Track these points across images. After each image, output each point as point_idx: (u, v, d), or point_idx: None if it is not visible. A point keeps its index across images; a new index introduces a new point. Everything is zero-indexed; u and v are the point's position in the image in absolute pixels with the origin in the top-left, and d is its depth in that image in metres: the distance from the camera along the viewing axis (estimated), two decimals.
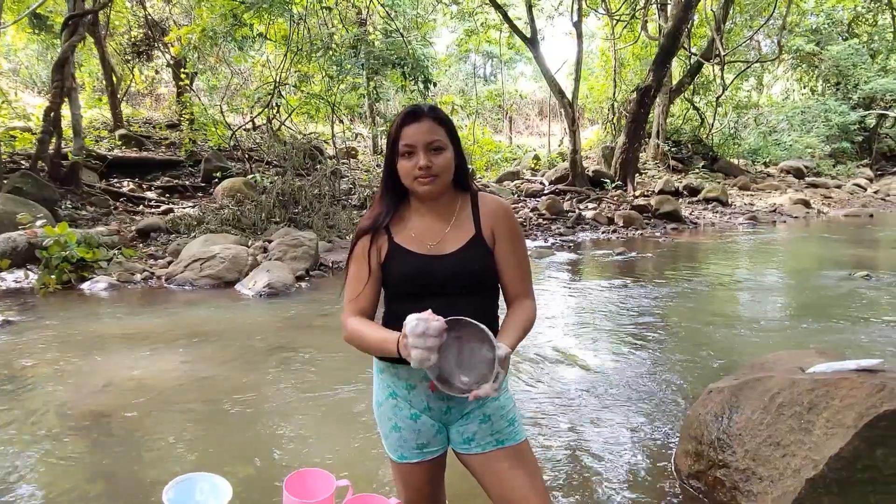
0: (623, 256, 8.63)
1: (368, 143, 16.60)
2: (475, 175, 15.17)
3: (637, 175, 15.67)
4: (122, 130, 13.12)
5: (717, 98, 19.22)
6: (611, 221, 11.83)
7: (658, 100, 16.67)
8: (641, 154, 16.88)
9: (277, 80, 11.61)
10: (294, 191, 9.61)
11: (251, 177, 10.45)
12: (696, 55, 18.08)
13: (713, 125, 19.90)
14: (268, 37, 11.81)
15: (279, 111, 12.28)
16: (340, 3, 12.74)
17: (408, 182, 1.52)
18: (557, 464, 2.78)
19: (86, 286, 6.34)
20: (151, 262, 7.36)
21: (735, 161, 20.06)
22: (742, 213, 13.81)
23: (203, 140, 13.21)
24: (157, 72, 17.24)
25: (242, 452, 2.89)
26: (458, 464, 1.62)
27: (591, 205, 13.29)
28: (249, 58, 13.63)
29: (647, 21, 18.43)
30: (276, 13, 10.57)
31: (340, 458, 2.82)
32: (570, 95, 14.91)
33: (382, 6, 13.48)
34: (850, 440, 2.02)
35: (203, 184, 11.41)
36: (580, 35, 15.23)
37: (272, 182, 9.93)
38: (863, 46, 22.48)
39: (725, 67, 18.61)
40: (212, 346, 4.46)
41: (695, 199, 15.02)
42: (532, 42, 14.46)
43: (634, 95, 14.92)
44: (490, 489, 1.55)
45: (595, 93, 21.55)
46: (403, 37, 12.54)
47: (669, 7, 16.57)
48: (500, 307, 1.63)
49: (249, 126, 13.24)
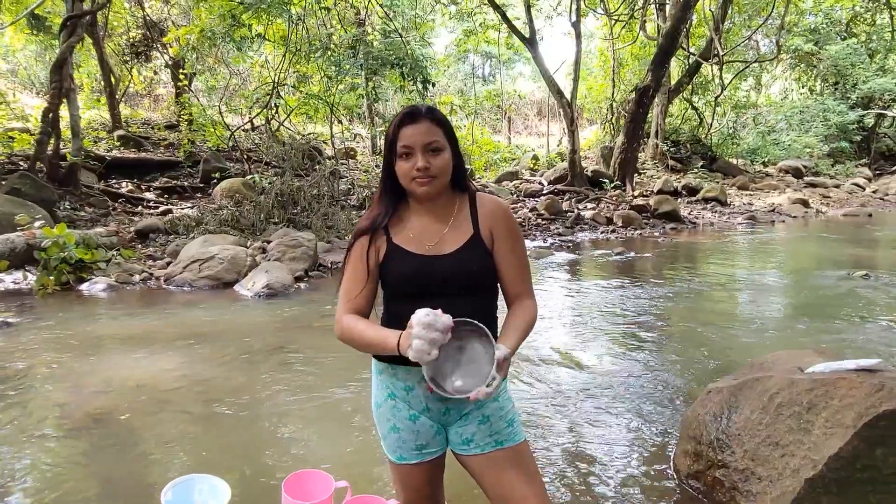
0: (622, 256, 8.63)
1: (367, 144, 16.59)
2: (474, 175, 15.17)
3: (636, 175, 15.68)
4: (121, 131, 13.10)
5: (716, 98, 19.24)
6: (610, 221, 11.83)
7: (657, 100, 16.69)
8: (640, 154, 16.89)
9: (276, 81, 11.60)
10: (293, 191, 9.60)
11: (250, 177, 10.44)
12: (695, 55, 18.09)
13: (712, 125, 19.92)
14: (266, 37, 11.80)
15: (278, 112, 12.27)
16: (339, 4, 12.73)
17: (406, 183, 1.52)
18: (556, 464, 2.78)
19: (84, 287, 6.34)
20: (150, 263, 7.35)
21: (734, 161, 20.09)
22: (741, 213, 13.82)
23: (202, 141, 13.19)
24: (156, 72, 17.24)
25: (241, 453, 2.89)
26: (457, 464, 1.62)
27: (590, 205, 13.29)
28: (248, 58, 13.62)
29: (646, 21, 18.43)
30: (275, 14, 10.56)
31: (339, 459, 2.81)
32: (569, 95, 14.91)
33: (381, 6, 13.48)
34: (850, 440, 2.02)
35: (202, 184, 11.40)
36: (579, 35, 15.23)
37: (271, 183, 9.92)
38: (861, 46, 22.50)
39: (724, 67, 18.63)
40: (210, 347, 4.46)
41: (693, 199, 15.03)
42: (531, 42, 14.46)
43: (633, 95, 14.92)
44: (489, 490, 1.55)
45: (594, 93, 21.57)
46: (402, 37, 12.54)
47: (668, 7, 16.58)
48: (500, 308, 1.63)
49: (248, 126, 13.23)
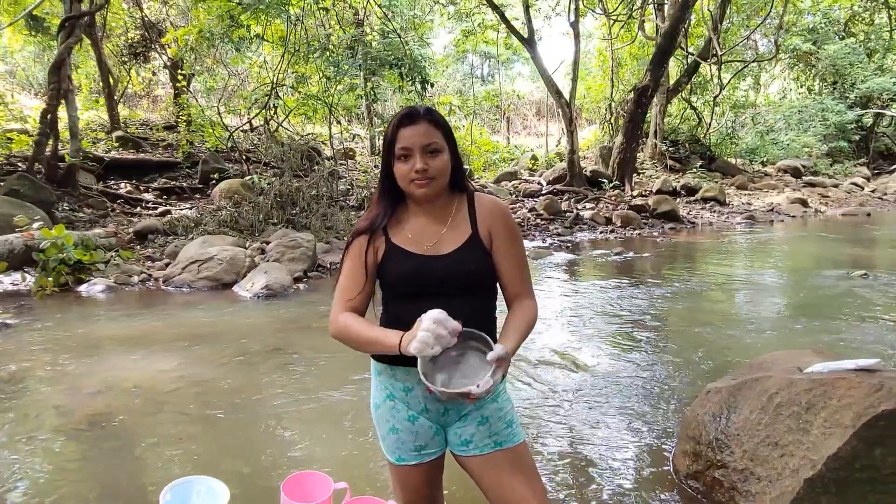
0: (621, 256, 8.63)
1: (366, 144, 16.58)
2: (473, 175, 15.17)
3: (635, 175, 15.69)
4: (119, 132, 13.08)
5: (715, 98, 19.25)
6: (609, 221, 11.83)
7: (655, 99, 16.69)
8: (639, 154, 16.89)
9: (275, 82, 11.60)
10: (292, 192, 9.60)
11: (249, 178, 10.43)
12: (694, 55, 18.11)
13: (710, 125, 19.93)
14: (265, 38, 11.80)
15: (276, 112, 12.27)
16: (337, 4, 12.73)
17: (404, 185, 1.52)
18: (555, 465, 2.78)
19: (83, 288, 6.33)
20: (149, 264, 7.35)
21: (732, 160, 20.10)
22: (740, 213, 13.83)
23: (200, 141, 13.19)
24: (154, 73, 17.23)
25: (240, 455, 2.88)
26: (456, 465, 1.62)
27: (589, 205, 13.30)
28: (246, 59, 13.61)
29: (645, 21, 18.44)
30: (273, 14, 10.55)
31: (338, 461, 2.81)
32: (568, 95, 14.91)
33: (380, 7, 13.48)
34: (848, 440, 2.02)
35: (200, 185, 11.38)
36: (577, 35, 15.23)
37: (270, 183, 9.92)
38: (859, 45, 22.52)
39: (722, 67, 18.65)
40: (209, 348, 4.46)
41: (692, 199, 15.04)
42: (529, 42, 14.46)
43: (632, 95, 14.94)
44: (488, 491, 1.55)
45: (592, 93, 21.59)
46: (401, 37, 12.54)
47: (666, 7, 16.59)
48: (500, 308, 1.63)
49: (247, 127, 13.23)
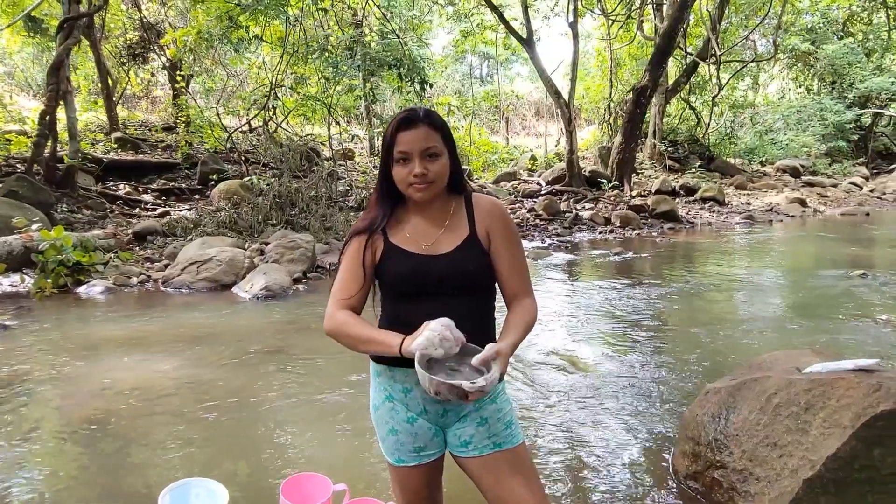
0: (620, 256, 8.63)
1: (365, 145, 16.58)
2: (472, 176, 15.17)
3: (634, 175, 15.70)
4: (118, 133, 13.08)
5: (713, 98, 19.27)
6: (608, 221, 11.84)
7: (654, 100, 16.70)
8: (638, 154, 16.90)
9: (273, 82, 11.59)
10: (291, 193, 9.60)
11: (248, 179, 10.42)
12: (692, 55, 18.12)
13: (709, 125, 19.95)
14: (264, 39, 11.80)
15: (275, 113, 12.27)
16: (336, 5, 12.74)
17: (403, 188, 1.52)
18: (555, 466, 2.78)
19: (82, 290, 6.33)
20: (148, 266, 7.34)
21: (731, 160, 20.12)
22: (739, 213, 13.84)
23: (199, 142, 13.19)
24: (153, 74, 17.22)
25: (239, 456, 2.88)
26: (455, 465, 1.62)
27: (588, 205, 13.30)
28: (245, 60, 13.62)
29: (643, 21, 18.46)
30: (272, 15, 10.55)
31: (337, 462, 2.81)
32: (567, 96, 14.92)
33: (378, 7, 13.49)
34: (847, 440, 2.02)
35: (199, 186, 11.38)
36: (576, 35, 15.23)
37: (269, 184, 9.92)
38: (858, 45, 22.55)
39: (721, 67, 18.67)
40: (208, 350, 4.45)
41: (691, 199, 15.05)
42: (528, 43, 14.47)
43: (631, 95, 14.94)
44: (487, 492, 1.55)
45: (591, 93, 21.60)
46: (399, 38, 12.53)
47: (665, 7, 16.61)
48: (500, 309, 1.63)
49: (246, 128, 13.22)
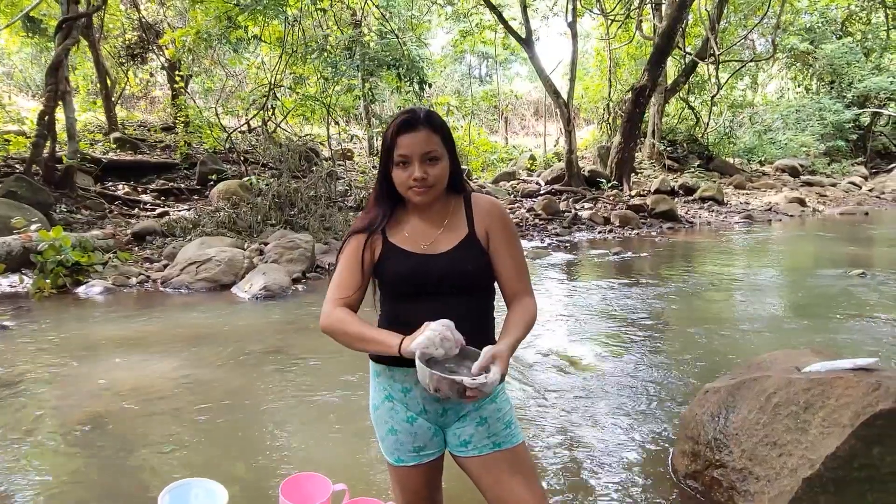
0: (619, 256, 8.63)
1: (364, 145, 16.58)
2: (471, 176, 15.17)
3: (633, 175, 15.70)
4: (117, 133, 13.07)
5: (712, 97, 19.27)
6: (607, 221, 11.84)
7: (653, 99, 16.70)
8: (637, 154, 16.90)
9: (272, 82, 11.59)
10: (290, 193, 9.60)
11: (247, 179, 10.42)
12: (691, 54, 18.12)
13: (708, 124, 19.95)
14: (262, 39, 11.79)
15: (274, 113, 12.26)
16: (335, 5, 12.73)
17: (402, 191, 1.53)
18: (554, 465, 2.78)
19: (81, 290, 6.32)
20: (147, 266, 7.34)
21: (730, 160, 20.11)
22: (738, 212, 13.84)
23: (198, 143, 13.17)
24: (152, 74, 17.21)
25: (238, 457, 2.88)
26: (454, 465, 1.62)
27: (588, 205, 13.30)
28: (244, 60, 13.61)
29: (642, 21, 18.46)
30: (271, 15, 10.54)
31: (337, 462, 2.81)
32: (566, 95, 14.91)
33: (377, 7, 13.48)
34: (847, 439, 2.02)
35: (198, 186, 11.37)
36: (575, 35, 15.23)
37: (268, 184, 9.91)
38: (857, 45, 22.55)
39: (720, 66, 18.67)
40: (207, 350, 4.45)
41: (690, 199, 15.04)
42: (527, 42, 14.47)
43: (630, 95, 14.94)
44: (487, 492, 1.55)
45: (590, 93, 21.59)
46: (398, 38, 12.52)
47: (664, 7, 16.60)
48: (500, 309, 1.63)
49: (245, 128, 13.22)
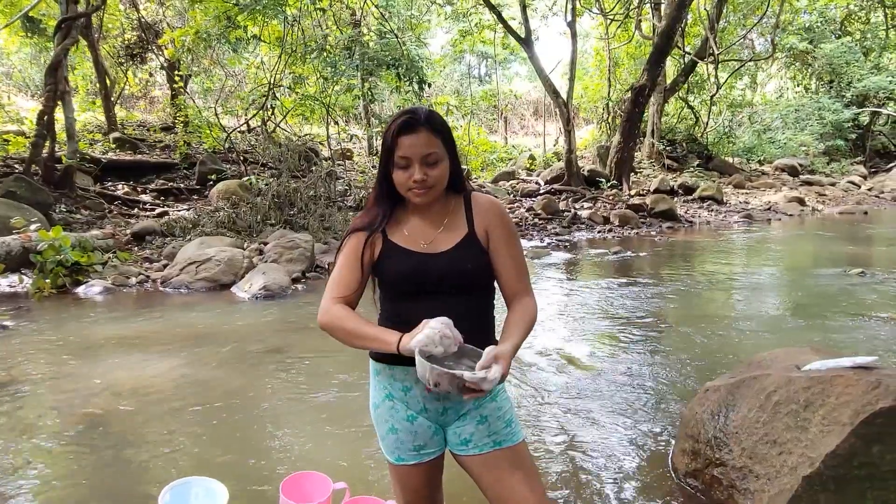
0: (619, 256, 8.63)
1: (363, 145, 16.58)
2: (471, 176, 15.17)
3: (632, 174, 15.71)
4: (117, 133, 13.07)
5: (712, 97, 19.29)
6: (606, 221, 11.84)
7: (653, 99, 16.71)
8: (636, 153, 16.91)
9: (272, 82, 11.59)
10: (289, 193, 9.60)
11: (246, 179, 10.41)
12: (690, 54, 18.13)
13: (707, 124, 19.96)
14: (262, 39, 11.79)
15: (274, 113, 12.26)
16: (334, 5, 12.73)
17: (402, 191, 1.53)
18: (555, 464, 2.78)
19: (81, 290, 6.32)
20: (146, 266, 7.34)
21: (730, 159, 20.12)
22: (737, 212, 13.85)
23: (198, 142, 13.17)
24: (151, 74, 17.21)
25: (238, 456, 2.88)
26: (455, 464, 1.62)
27: (587, 204, 13.31)
28: (244, 60, 13.61)
29: (641, 20, 18.47)
30: (270, 15, 10.54)
31: (337, 461, 2.81)
32: (565, 95, 14.92)
33: (377, 7, 13.48)
34: (846, 437, 2.02)
35: (198, 186, 11.37)
36: (574, 35, 15.24)
37: (267, 184, 9.91)
38: (856, 44, 22.58)
39: (719, 66, 18.68)
40: (207, 349, 4.45)
41: (690, 198, 15.06)
42: (526, 42, 14.47)
43: (629, 95, 14.95)
44: (488, 490, 1.55)
45: (590, 92, 21.59)
46: (398, 38, 12.53)
47: (663, 6, 16.60)
48: (500, 308, 1.63)
49: (244, 128, 13.22)
